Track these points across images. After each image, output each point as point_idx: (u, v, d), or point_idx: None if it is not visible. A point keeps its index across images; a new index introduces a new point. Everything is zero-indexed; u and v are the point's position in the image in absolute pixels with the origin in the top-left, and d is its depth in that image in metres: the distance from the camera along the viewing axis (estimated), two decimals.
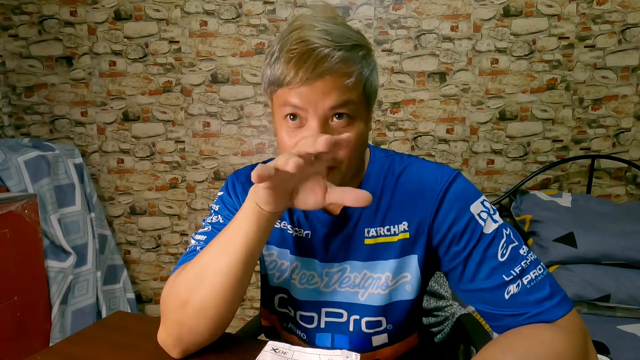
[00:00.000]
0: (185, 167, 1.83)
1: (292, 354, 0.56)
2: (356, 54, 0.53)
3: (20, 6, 1.77)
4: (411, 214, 0.61)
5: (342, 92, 0.52)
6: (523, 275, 0.54)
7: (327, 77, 0.51)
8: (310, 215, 0.66)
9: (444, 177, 0.60)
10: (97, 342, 0.65)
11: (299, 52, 0.51)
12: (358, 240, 0.63)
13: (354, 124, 0.55)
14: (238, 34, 1.73)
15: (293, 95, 0.52)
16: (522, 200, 1.58)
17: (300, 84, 0.51)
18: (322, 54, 0.50)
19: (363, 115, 0.57)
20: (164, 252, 1.89)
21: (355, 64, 0.53)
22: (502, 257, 0.55)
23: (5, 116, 1.82)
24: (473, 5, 1.63)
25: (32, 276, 1.42)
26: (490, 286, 0.55)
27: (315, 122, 0.53)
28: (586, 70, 1.63)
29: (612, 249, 1.29)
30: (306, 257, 0.66)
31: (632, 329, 1.19)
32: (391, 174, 0.64)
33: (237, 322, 1.91)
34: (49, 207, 1.49)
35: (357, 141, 0.55)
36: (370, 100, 0.58)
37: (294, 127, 0.55)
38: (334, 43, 0.51)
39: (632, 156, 1.66)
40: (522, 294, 0.53)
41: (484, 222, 0.57)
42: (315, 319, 0.66)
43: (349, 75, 0.52)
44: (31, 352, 0.62)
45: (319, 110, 0.52)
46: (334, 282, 0.64)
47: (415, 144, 1.73)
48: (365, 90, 0.56)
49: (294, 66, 0.51)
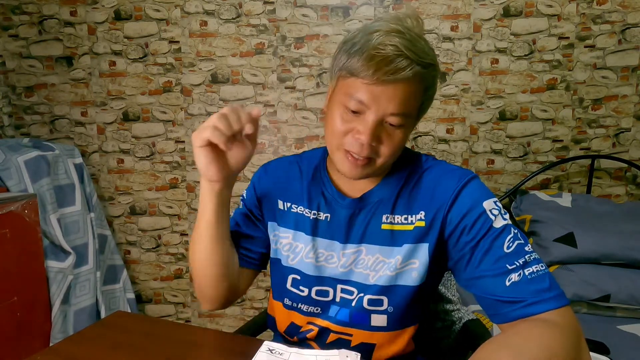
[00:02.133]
0: (185, 167, 1.83)
1: (288, 355, 0.56)
2: (430, 73, 0.59)
3: (20, 6, 1.77)
4: (428, 205, 0.65)
5: (405, 102, 0.58)
6: (525, 267, 0.57)
7: (399, 84, 0.57)
8: (330, 199, 0.71)
9: (463, 177, 0.65)
10: (97, 342, 0.65)
11: (385, 54, 0.55)
12: (375, 224, 0.67)
13: (402, 130, 0.61)
14: (238, 34, 1.73)
15: (363, 90, 0.58)
16: (522, 200, 1.58)
17: (374, 82, 0.56)
18: (403, 63, 0.56)
19: (411, 124, 0.63)
20: (164, 252, 1.89)
21: (426, 82, 0.60)
22: (508, 249, 0.58)
23: (5, 116, 1.82)
24: (473, 5, 1.63)
25: (32, 276, 1.43)
26: (494, 273, 0.58)
27: (372, 118, 0.58)
28: (586, 70, 1.63)
29: (612, 249, 1.29)
30: (326, 239, 0.71)
31: (632, 329, 1.19)
32: (414, 171, 0.69)
33: (237, 322, 1.91)
34: (49, 207, 1.49)
35: (399, 144, 0.62)
36: (421, 114, 0.65)
37: (351, 116, 0.60)
38: (417, 57, 0.56)
39: (632, 156, 1.66)
40: (523, 283, 0.56)
41: (494, 217, 0.61)
42: (332, 293, 0.70)
43: (417, 88, 0.59)
44: (31, 352, 0.62)
45: (381, 111, 0.58)
46: (351, 262, 0.69)
47: (415, 144, 1.73)
48: (422, 107, 0.63)
49: (375, 64, 0.56)
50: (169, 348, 0.64)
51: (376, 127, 0.59)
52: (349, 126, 0.61)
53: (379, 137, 0.60)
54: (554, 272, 1.32)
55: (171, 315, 1.94)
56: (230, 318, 1.91)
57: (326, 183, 0.73)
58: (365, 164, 0.62)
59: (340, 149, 0.63)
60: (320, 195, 0.72)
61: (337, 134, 0.62)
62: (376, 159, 0.62)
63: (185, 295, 1.91)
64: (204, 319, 1.92)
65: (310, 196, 0.73)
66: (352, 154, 0.61)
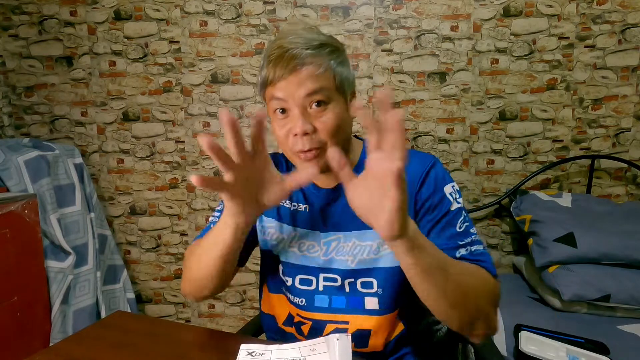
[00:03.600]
0: (185, 167, 1.83)
1: (270, 354, 0.55)
2: (323, 50, 0.65)
3: (20, 6, 1.77)
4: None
5: (313, 82, 0.64)
6: (471, 245, 0.67)
7: (300, 70, 0.63)
8: (307, 192, 0.77)
9: (427, 161, 0.72)
10: (97, 342, 0.65)
11: (276, 55, 0.64)
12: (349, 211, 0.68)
13: (329, 108, 0.66)
14: (238, 34, 1.73)
15: (276, 90, 0.65)
16: (522, 200, 1.58)
17: (280, 78, 0.64)
18: (292, 53, 0.63)
19: (339, 100, 0.67)
20: (164, 252, 1.89)
21: (322, 58, 0.65)
22: (460, 229, 0.68)
23: (5, 116, 1.82)
24: (473, 5, 1.63)
25: (32, 276, 1.42)
26: (447, 247, 0.65)
27: (296, 110, 0.64)
28: (586, 70, 1.63)
29: (612, 249, 1.29)
30: (306, 229, 0.76)
31: (632, 329, 1.19)
32: None
33: (237, 322, 1.91)
34: (49, 207, 1.49)
35: (335, 123, 0.65)
36: (344, 87, 0.69)
37: (283, 119, 0.67)
38: (302, 44, 0.64)
39: (632, 156, 1.66)
40: (468, 256, 0.66)
41: (452, 200, 0.70)
42: (314, 282, 0.74)
43: (317, 67, 0.64)
44: (31, 352, 0.62)
45: (297, 99, 0.64)
46: (332, 250, 0.73)
47: (415, 144, 1.73)
48: (337, 79, 0.67)
49: (273, 65, 0.64)
50: (169, 348, 0.64)
51: (303, 116, 0.64)
52: (285, 129, 0.66)
53: (312, 125, 0.64)
54: (554, 272, 1.32)
55: (171, 315, 1.94)
56: (230, 318, 1.91)
57: None
58: (315, 155, 0.65)
59: (293, 153, 0.67)
60: (298, 190, 0.77)
61: (282, 139, 0.67)
62: (324, 146, 0.66)
63: None
64: (204, 319, 1.92)
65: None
66: (302, 153, 0.65)
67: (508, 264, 1.77)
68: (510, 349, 1.07)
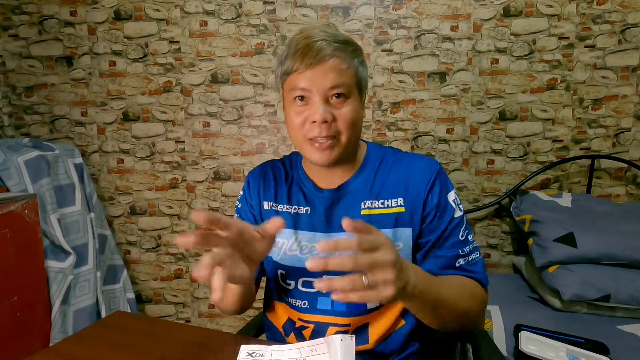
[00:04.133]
0: (185, 167, 1.83)
1: (270, 355, 0.55)
2: (348, 47, 0.69)
3: (20, 6, 1.77)
4: (405, 193, 0.73)
5: (338, 75, 0.67)
6: (469, 255, 0.72)
7: (326, 61, 0.66)
8: (308, 194, 0.78)
9: (433, 167, 0.75)
10: (97, 342, 0.65)
11: (304, 44, 0.67)
12: (355, 212, 0.74)
13: (348, 102, 0.69)
14: (238, 34, 1.73)
15: (301, 79, 0.67)
16: (522, 200, 1.58)
17: (306, 68, 0.66)
18: (322, 45, 0.66)
19: (356, 97, 0.71)
20: (164, 252, 1.89)
21: (347, 54, 0.68)
22: (461, 237, 0.72)
23: (5, 116, 1.82)
24: (473, 5, 1.63)
25: (32, 276, 1.42)
26: (450, 254, 0.71)
27: (318, 98, 0.67)
28: (586, 70, 1.63)
29: (612, 249, 1.29)
30: (307, 231, 0.76)
31: (632, 329, 1.19)
32: (385, 161, 0.77)
33: (237, 322, 1.91)
34: (49, 207, 1.49)
35: (353, 116, 0.69)
36: (362, 86, 0.72)
37: (301, 106, 0.69)
38: (331, 37, 0.67)
39: (632, 156, 1.66)
40: (466, 265, 0.72)
41: (455, 208, 0.73)
42: None
43: (342, 61, 0.67)
44: (31, 352, 0.62)
45: (321, 89, 0.67)
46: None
47: (415, 144, 1.73)
48: (357, 77, 0.70)
49: (300, 56, 0.66)
50: (168, 348, 0.64)
51: (324, 105, 0.67)
52: (302, 116, 0.69)
53: (332, 114, 0.67)
54: (554, 272, 1.32)
55: (171, 315, 1.94)
56: (230, 318, 1.91)
57: (304, 180, 0.80)
58: (330, 145, 0.68)
59: (305, 140, 0.70)
60: (299, 192, 0.79)
61: (297, 126, 0.69)
62: (339, 137, 0.69)
63: (185, 295, 1.91)
64: (204, 319, 1.92)
65: (290, 195, 0.79)
66: (317, 141, 0.68)
67: (508, 264, 1.77)
68: (510, 349, 1.07)
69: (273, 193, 0.80)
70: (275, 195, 0.80)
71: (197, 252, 1.87)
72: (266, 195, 0.81)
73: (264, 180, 0.82)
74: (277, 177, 0.82)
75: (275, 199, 0.80)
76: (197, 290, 1.90)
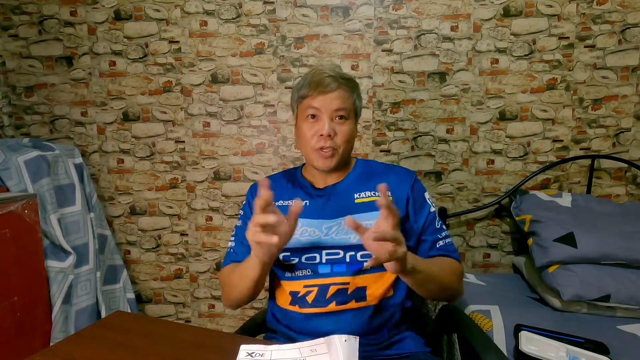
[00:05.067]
0: (185, 167, 1.83)
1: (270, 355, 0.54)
2: (350, 84, 0.94)
3: (20, 6, 1.77)
4: (393, 190, 0.94)
5: (342, 101, 0.91)
6: (445, 239, 0.95)
7: (334, 91, 0.90)
8: (307, 190, 0.98)
9: (412, 174, 0.99)
10: (96, 342, 0.65)
11: (319, 78, 0.91)
12: (350, 201, 0.94)
13: (347, 123, 0.93)
14: (238, 34, 1.73)
15: (314, 102, 0.91)
16: (522, 200, 1.58)
17: (318, 94, 0.90)
18: (331, 79, 0.90)
19: (353, 120, 0.95)
20: (164, 252, 1.89)
21: (349, 88, 0.94)
22: (437, 226, 0.96)
23: (5, 116, 1.82)
24: (473, 5, 1.63)
25: (32, 276, 1.42)
26: (432, 239, 0.94)
27: (325, 117, 0.90)
28: (586, 70, 1.63)
29: (612, 249, 1.29)
30: (307, 218, 0.92)
31: (632, 329, 1.19)
32: (371, 168, 1.01)
33: (237, 322, 1.91)
34: (49, 207, 1.49)
35: (349, 134, 0.93)
36: (357, 113, 0.97)
37: (313, 122, 0.92)
38: (338, 75, 0.92)
39: (632, 156, 1.66)
40: (444, 246, 0.94)
41: (430, 204, 0.97)
42: (318, 257, 0.90)
43: (345, 92, 0.92)
44: (31, 352, 0.62)
45: (328, 110, 0.91)
46: (332, 232, 0.90)
47: (415, 144, 1.73)
48: (354, 106, 0.95)
49: (315, 85, 0.90)
50: (169, 348, 0.64)
51: (330, 123, 0.90)
52: (313, 130, 0.91)
53: (334, 130, 0.90)
54: (554, 272, 1.32)
55: (171, 315, 1.94)
56: (230, 318, 1.91)
57: (303, 182, 1.00)
58: (332, 154, 0.91)
59: (314, 149, 0.91)
60: (298, 189, 0.98)
61: (308, 138, 0.92)
62: (338, 149, 0.91)
63: (185, 295, 1.91)
64: (204, 319, 1.92)
65: (291, 192, 0.98)
66: (322, 150, 0.90)
67: (508, 264, 1.77)
68: (510, 349, 1.07)
69: (277, 194, 0.90)
70: (276, 196, 0.86)
71: (197, 252, 1.87)
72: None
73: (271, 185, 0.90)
74: (279, 183, 0.99)
75: (276, 197, 0.92)
76: (197, 290, 1.90)
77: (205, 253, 1.88)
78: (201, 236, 1.87)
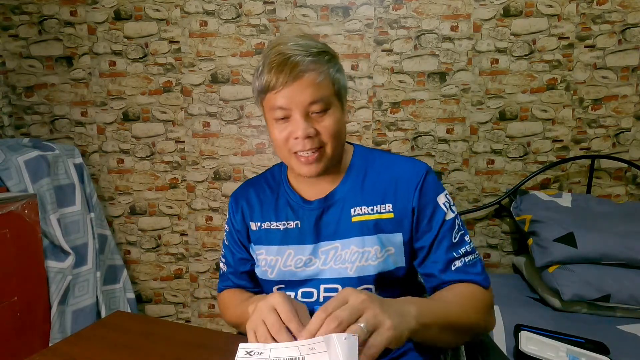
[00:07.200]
0: (185, 167, 1.83)
1: (268, 352, 0.54)
2: (322, 58, 0.68)
3: (20, 6, 1.77)
4: (394, 198, 0.73)
5: (316, 89, 0.66)
6: (466, 256, 0.71)
7: (302, 77, 0.65)
8: (296, 207, 0.78)
9: (421, 170, 0.74)
10: (96, 342, 0.65)
11: (277, 61, 0.65)
12: (346, 219, 0.74)
13: (329, 113, 0.69)
14: (238, 34, 1.73)
15: (278, 98, 0.66)
16: (522, 200, 1.58)
17: (282, 86, 0.65)
18: (294, 60, 0.65)
19: (337, 106, 0.70)
20: (164, 252, 1.89)
21: (322, 65, 0.67)
22: (455, 239, 0.72)
23: (5, 116, 1.82)
24: (473, 5, 1.63)
25: (32, 276, 1.42)
26: (445, 259, 0.71)
27: (298, 115, 0.67)
28: (586, 70, 1.63)
29: (612, 249, 1.29)
30: (299, 245, 0.76)
31: (632, 329, 1.19)
32: (372, 166, 0.77)
33: None
34: (49, 207, 1.49)
35: (335, 127, 0.69)
36: (341, 94, 0.72)
37: (283, 123, 0.69)
38: (303, 51, 0.66)
39: (632, 156, 1.66)
40: (463, 267, 0.71)
41: (446, 210, 0.73)
42: (315, 294, 0.75)
43: (318, 74, 0.66)
44: (31, 352, 0.62)
45: (300, 105, 0.66)
46: (330, 259, 0.74)
47: (415, 144, 1.73)
48: (335, 86, 0.70)
49: (275, 73, 0.65)
50: (169, 348, 0.64)
51: (305, 122, 0.67)
52: (286, 133, 0.69)
53: (314, 129, 0.67)
54: (554, 272, 1.32)
55: (171, 315, 1.94)
56: None
57: (290, 193, 0.79)
58: (317, 158, 0.69)
59: (291, 154, 0.70)
60: (286, 206, 0.79)
61: (281, 143, 0.70)
62: (324, 147, 0.69)
63: (185, 295, 1.91)
64: (204, 319, 1.92)
65: (277, 210, 0.79)
66: (301, 155, 0.69)
67: (508, 264, 1.77)
68: (510, 349, 1.07)
69: (259, 213, 0.80)
70: (261, 215, 0.80)
71: (197, 252, 1.87)
72: (252, 216, 0.81)
73: (247, 203, 0.82)
74: (261, 196, 0.81)
75: (262, 217, 0.79)
76: (197, 290, 1.90)
77: (205, 253, 1.87)
78: (201, 236, 1.87)
